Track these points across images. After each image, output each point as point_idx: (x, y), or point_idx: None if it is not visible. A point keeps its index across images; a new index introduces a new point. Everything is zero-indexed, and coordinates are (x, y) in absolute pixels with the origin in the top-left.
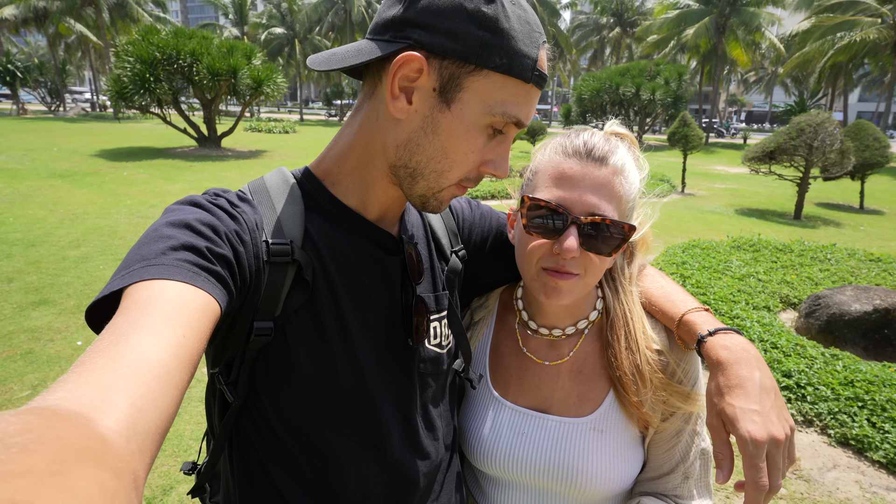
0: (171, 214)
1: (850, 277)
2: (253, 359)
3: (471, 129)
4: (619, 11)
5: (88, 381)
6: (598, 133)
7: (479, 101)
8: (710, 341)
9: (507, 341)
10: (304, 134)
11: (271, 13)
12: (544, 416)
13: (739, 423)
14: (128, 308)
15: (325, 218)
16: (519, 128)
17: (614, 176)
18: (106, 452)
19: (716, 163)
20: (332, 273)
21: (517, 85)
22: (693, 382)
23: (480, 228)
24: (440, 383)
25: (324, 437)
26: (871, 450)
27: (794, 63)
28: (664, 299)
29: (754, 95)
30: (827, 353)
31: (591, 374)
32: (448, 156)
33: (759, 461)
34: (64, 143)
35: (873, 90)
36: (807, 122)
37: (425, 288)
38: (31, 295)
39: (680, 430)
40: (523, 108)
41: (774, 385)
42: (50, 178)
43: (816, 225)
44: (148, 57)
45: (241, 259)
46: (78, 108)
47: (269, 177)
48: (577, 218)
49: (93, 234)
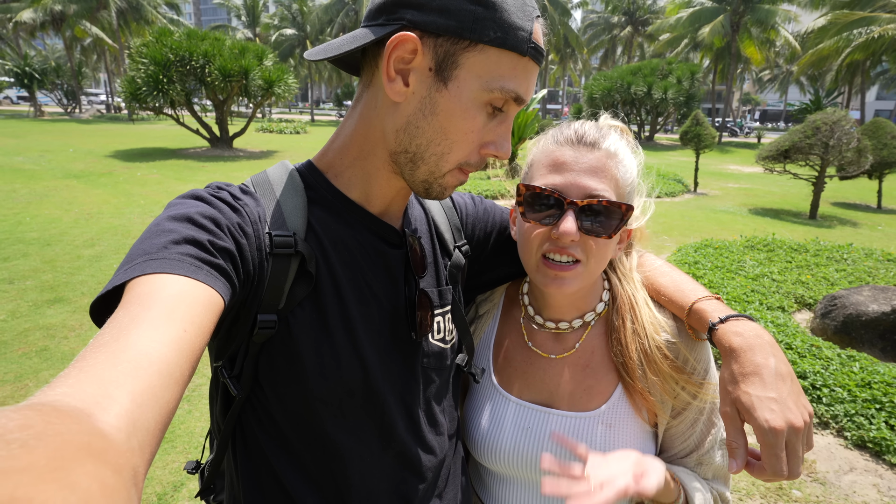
0: (172, 209)
1: (867, 278)
2: (256, 352)
3: (469, 107)
4: (631, 10)
5: (89, 377)
6: (588, 122)
7: (476, 78)
8: (722, 328)
9: (513, 335)
10: (315, 134)
11: (283, 15)
12: (550, 411)
13: (757, 412)
14: (129, 302)
15: (327, 211)
16: (519, 104)
17: (608, 159)
18: (106, 449)
19: (729, 162)
20: (335, 266)
21: (513, 58)
22: (705, 371)
23: (484, 224)
24: (444, 378)
25: (328, 432)
26: (890, 453)
27: (808, 61)
28: (673, 288)
29: (769, 94)
30: (843, 355)
31: (598, 367)
32: (448, 136)
33: (779, 450)
34: (79, 144)
35: (891, 88)
36: (823, 121)
37: (429, 282)
38: (47, 293)
39: (695, 421)
40: (521, 83)
41: (790, 371)
42: (65, 179)
43: (832, 224)
44: (161, 59)
45: (244, 251)
46: (93, 110)
47: (271, 170)
48: (573, 201)
49: (107, 233)
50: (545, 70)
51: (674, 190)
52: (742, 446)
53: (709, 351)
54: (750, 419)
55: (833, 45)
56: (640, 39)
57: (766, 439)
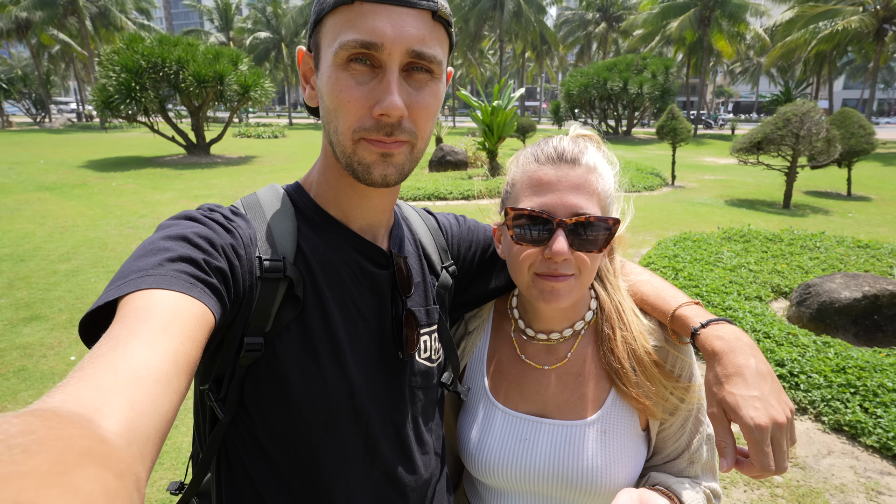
0: (167, 229)
1: (839, 265)
2: (242, 375)
3: (330, 73)
4: (605, 7)
5: (88, 385)
6: (565, 137)
7: (326, 47)
8: (704, 333)
9: (505, 349)
10: (294, 138)
11: (257, 18)
12: (546, 421)
13: (742, 411)
14: (125, 317)
15: (316, 232)
16: (373, 50)
17: (589, 174)
18: (108, 454)
19: (705, 154)
20: (322, 287)
21: (345, 12)
22: (691, 373)
23: (468, 242)
24: (430, 397)
25: (313, 453)
26: (864, 435)
27: (777, 53)
28: (655, 296)
29: (741, 86)
30: (819, 341)
31: (590, 375)
32: (331, 107)
33: (765, 446)
34: (50, 155)
35: (857, 77)
36: (793, 112)
37: (416, 301)
38: (22, 311)
39: (684, 422)
40: (359, 28)
41: (770, 370)
42: (37, 191)
43: (806, 213)
44: (133, 65)
45: (237, 273)
46: (64, 119)
47: (261, 192)
48: (562, 220)
49: (83, 246)
50: (522, 67)
51: (652, 184)
52: (731, 444)
53: (693, 354)
54: (736, 418)
55: (800, 37)
56: (615, 35)
57: (752, 436)
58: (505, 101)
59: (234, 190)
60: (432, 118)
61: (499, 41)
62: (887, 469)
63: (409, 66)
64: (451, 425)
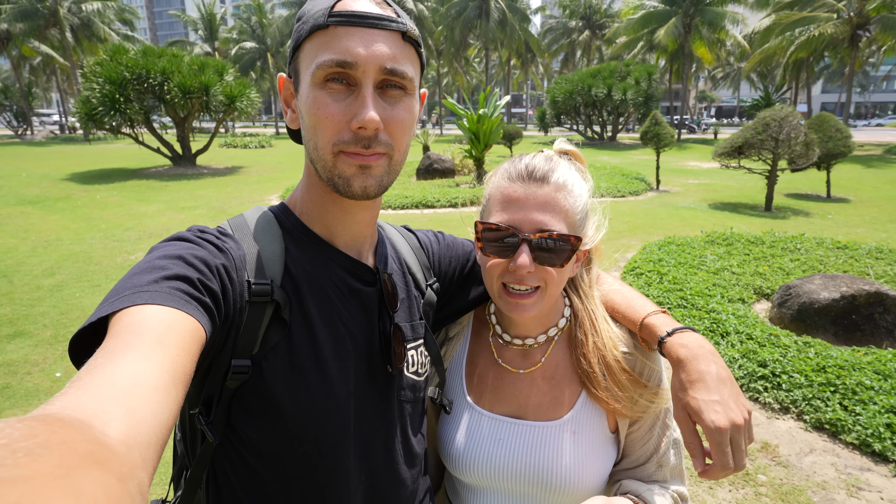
0: (161, 249)
1: (819, 266)
2: (230, 397)
3: (309, 93)
4: (588, 14)
5: (87, 393)
6: (540, 155)
7: (305, 69)
8: (670, 341)
9: (483, 354)
10: (280, 147)
11: (242, 28)
12: (520, 422)
13: (704, 415)
14: (120, 331)
15: (304, 252)
16: (348, 69)
17: (557, 192)
18: (109, 458)
19: (689, 158)
20: (309, 307)
21: (321, 36)
22: (658, 380)
23: (449, 258)
24: (417, 410)
25: (301, 472)
26: (845, 432)
27: (756, 59)
28: (625, 305)
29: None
30: (800, 342)
31: (563, 378)
32: (310, 125)
33: (724, 446)
34: (33, 168)
35: (835, 81)
36: (771, 117)
37: (402, 317)
38: (6, 327)
39: (652, 426)
40: (335, 49)
41: (730, 374)
42: (20, 205)
43: (787, 216)
44: (117, 77)
45: (228, 294)
46: (46, 131)
47: (248, 214)
48: (526, 236)
49: (67, 260)
50: (508, 75)
51: (637, 189)
52: (698, 446)
53: (661, 361)
54: (699, 421)
55: (778, 44)
56: (599, 43)
57: (713, 437)
58: (491, 109)
59: (220, 201)
60: (408, 132)
61: (484, 49)
62: (867, 465)
63: (383, 83)
64: (433, 425)
